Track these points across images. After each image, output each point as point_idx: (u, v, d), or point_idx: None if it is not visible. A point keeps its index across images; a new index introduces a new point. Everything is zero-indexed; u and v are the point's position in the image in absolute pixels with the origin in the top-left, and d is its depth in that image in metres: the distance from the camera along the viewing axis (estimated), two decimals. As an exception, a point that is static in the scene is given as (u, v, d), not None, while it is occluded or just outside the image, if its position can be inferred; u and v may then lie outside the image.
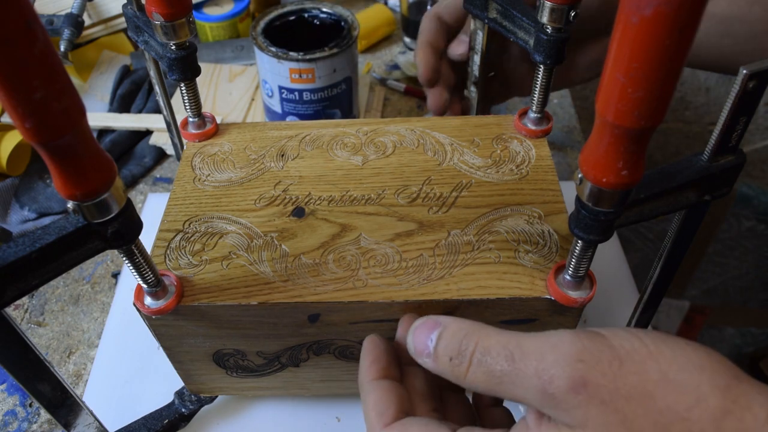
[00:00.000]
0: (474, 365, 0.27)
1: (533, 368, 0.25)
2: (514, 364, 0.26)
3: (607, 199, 0.26)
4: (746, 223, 1.26)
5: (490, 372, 0.27)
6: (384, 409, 0.30)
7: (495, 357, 0.27)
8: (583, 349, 0.25)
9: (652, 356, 0.25)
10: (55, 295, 0.57)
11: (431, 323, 0.30)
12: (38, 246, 0.27)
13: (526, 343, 0.26)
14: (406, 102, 0.76)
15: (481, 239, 0.37)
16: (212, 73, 0.76)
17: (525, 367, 0.26)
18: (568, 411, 0.25)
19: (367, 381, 0.32)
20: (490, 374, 0.27)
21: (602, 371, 0.24)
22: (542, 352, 0.26)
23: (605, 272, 0.55)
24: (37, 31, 0.19)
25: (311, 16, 0.65)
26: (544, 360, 0.25)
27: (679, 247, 0.37)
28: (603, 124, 0.23)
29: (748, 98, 0.28)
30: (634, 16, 0.19)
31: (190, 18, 0.39)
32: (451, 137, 0.44)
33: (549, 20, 0.38)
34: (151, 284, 0.33)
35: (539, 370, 0.25)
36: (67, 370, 0.52)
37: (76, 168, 0.24)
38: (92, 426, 0.38)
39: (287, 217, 0.39)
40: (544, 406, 0.26)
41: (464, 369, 0.28)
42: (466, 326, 0.29)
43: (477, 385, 0.28)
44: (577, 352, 0.25)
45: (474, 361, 0.27)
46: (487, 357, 0.27)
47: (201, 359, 0.40)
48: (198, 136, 0.45)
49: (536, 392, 0.25)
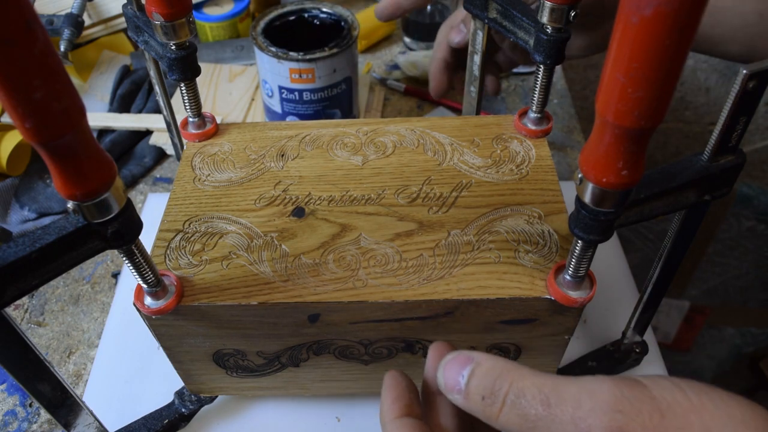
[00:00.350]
0: (507, 406, 0.27)
1: (569, 415, 0.25)
2: (550, 409, 0.25)
3: (607, 199, 0.26)
4: (746, 223, 1.26)
5: (524, 415, 0.26)
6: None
7: (530, 400, 0.26)
8: (622, 399, 0.24)
9: (694, 409, 0.24)
10: (55, 295, 0.57)
11: (463, 359, 0.29)
12: (38, 246, 0.27)
13: (562, 388, 0.26)
14: (406, 102, 0.76)
15: (481, 239, 0.37)
16: (212, 73, 0.76)
17: (561, 413, 0.25)
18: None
19: (390, 420, 0.31)
20: (523, 417, 0.26)
21: (642, 423, 0.24)
22: (579, 398, 0.25)
23: (605, 272, 0.55)
24: (37, 31, 0.19)
25: (311, 16, 0.65)
26: (581, 407, 0.25)
27: (679, 247, 0.37)
28: (603, 124, 0.23)
29: (748, 98, 0.28)
30: (634, 16, 0.19)
31: (190, 18, 0.39)
32: (451, 137, 0.44)
33: (549, 20, 0.38)
34: (151, 284, 0.33)
35: (576, 418, 0.25)
36: (67, 370, 0.52)
37: (76, 168, 0.24)
38: (92, 426, 0.38)
39: (287, 217, 0.39)
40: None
41: (497, 410, 0.27)
42: (501, 365, 0.28)
43: (509, 427, 0.27)
44: (616, 401, 0.24)
45: (507, 402, 0.27)
46: (522, 399, 0.26)
47: (201, 359, 0.40)
48: (198, 136, 0.45)
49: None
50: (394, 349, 0.39)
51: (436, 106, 0.75)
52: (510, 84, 0.79)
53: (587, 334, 0.51)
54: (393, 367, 0.41)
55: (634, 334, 0.46)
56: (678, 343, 1.28)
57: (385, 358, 0.40)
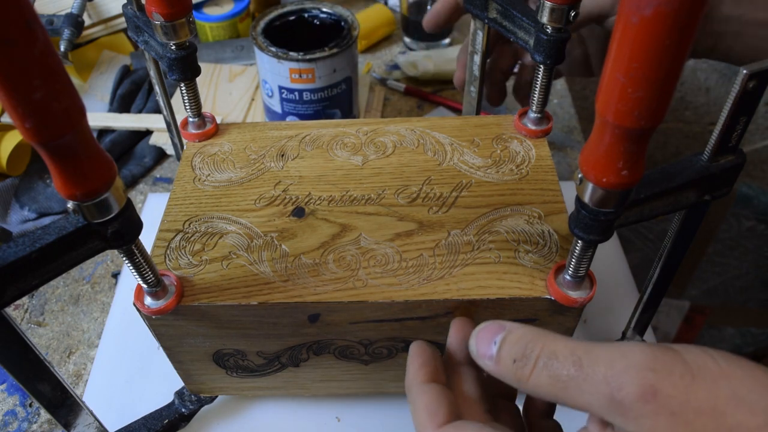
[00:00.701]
0: (539, 368, 0.27)
1: (602, 374, 0.25)
2: (582, 369, 0.26)
3: (607, 199, 0.26)
4: (746, 223, 1.26)
5: (556, 376, 0.26)
6: (436, 410, 0.30)
7: (562, 361, 0.26)
8: (654, 359, 0.25)
9: (723, 374, 0.24)
10: (55, 295, 0.57)
11: (496, 327, 0.30)
12: (38, 246, 0.27)
13: (595, 350, 0.26)
14: (406, 102, 0.76)
15: (481, 239, 0.37)
16: (212, 73, 0.77)
17: (593, 373, 0.25)
18: (636, 420, 0.24)
19: (417, 384, 0.31)
20: (555, 378, 0.26)
21: (673, 383, 0.24)
22: (612, 359, 0.25)
23: (605, 272, 0.55)
24: (37, 31, 0.19)
25: (311, 16, 0.65)
26: (614, 367, 0.25)
27: (679, 247, 0.37)
28: (603, 124, 0.23)
29: (748, 98, 0.28)
30: (634, 16, 0.19)
31: (190, 18, 0.39)
32: (451, 137, 0.44)
33: (549, 20, 0.38)
34: (151, 284, 0.33)
35: (608, 377, 0.25)
36: (67, 370, 0.52)
37: (76, 168, 0.24)
38: (92, 426, 0.38)
39: (287, 217, 0.39)
40: (611, 414, 0.25)
41: (528, 371, 0.27)
42: (533, 331, 0.28)
43: (540, 389, 0.27)
44: (649, 361, 0.25)
45: (539, 364, 0.27)
46: (554, 361, 0.27)
47: (201, 359, 0.40)
48: (198, 136, 0.45)
49: (603, 399, 0.25)
50: (394, 349, 0.39)
51: (436, 106, 0.75)
52: (510, 84, 0.79)
53: (587, 334, 0.51)
54: (393, 367, 0.41)
55: (634, 334, 0.46)
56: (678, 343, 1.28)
57: (385, 358, 0.40)
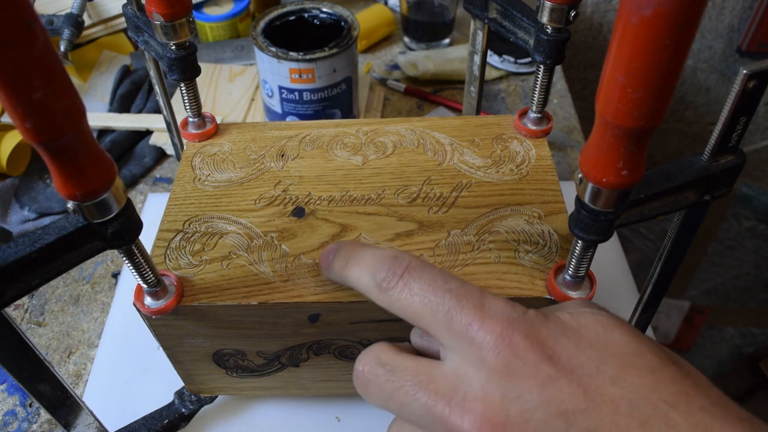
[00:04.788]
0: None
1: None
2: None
3: (607, 199, 0.26)
4: (746, 223, 1.26)
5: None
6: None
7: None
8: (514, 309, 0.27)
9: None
10: (55, 295, 0.57)
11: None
12: (38, 246, 0.27)
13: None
14: (406, 102, 0.76)
15: (481, 239, 0.37)
16: (212, 73, 0.77)
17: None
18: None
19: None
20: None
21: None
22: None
23: (605, 272, 0.55)
24: (37, 31, 0.19)
25: (311, 16, 0.65)
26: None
27: (679, 247, 0.37)
28: (603, 124, 0.23)
29: (748, 98, 0.28)
30: (634, 16, 0.19)
31: (190, 18, 0.39)
32: (451, 137, 0.44)
33: (549, 20, 0.38)
34: (151, 284, 0.33)
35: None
36: (67, 370, 0.52)
37: (76, 168, 0.24)
38: (92, 426, 0.38)
39: (287, 217, 0.39)
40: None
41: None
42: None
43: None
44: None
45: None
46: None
47: (201, 359, 0.40)
48: (198, 136, 0.45)
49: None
50: (394, 349, 0.39)
51: (436, 106, 0.76)
52: (510, 84, 0.79)
53: (587, 334, 0.51)
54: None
55: (634, 334, 0.46)
56: (678, 343, 1.28)
57: (385, 358, 0.40)
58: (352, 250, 0.31)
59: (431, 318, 0.26)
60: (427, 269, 0.28)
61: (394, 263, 0.28)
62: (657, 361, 0.24)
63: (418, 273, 0.27)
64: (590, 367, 0.24)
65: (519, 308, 0.27)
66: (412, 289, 0.27)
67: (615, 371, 0.24)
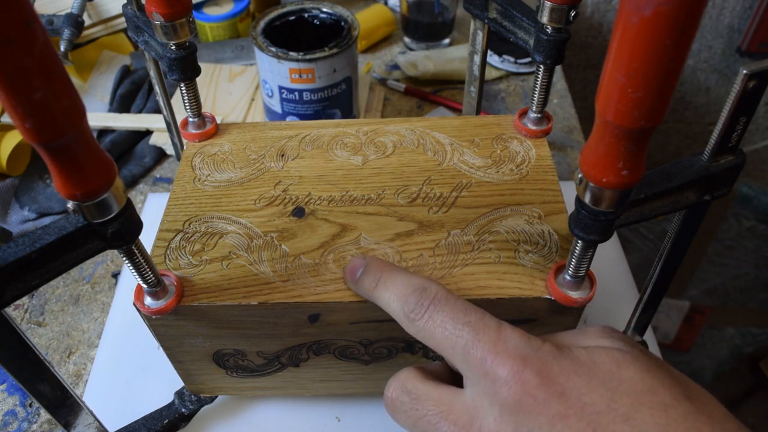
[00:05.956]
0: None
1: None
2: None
3: (607, 199, 0.26)
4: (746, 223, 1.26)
5: None
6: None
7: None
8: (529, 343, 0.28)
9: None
10: (55, 295, 0.57)
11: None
12: (38, 246, 0.27)
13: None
14: (406, 102, 0.76)
15: (481, 239, 0.37)
16: (212, 73, 0.77)
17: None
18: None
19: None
20: None
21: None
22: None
23: (605, 272, 0.55)
24: (37, 31, 0.19)
25: (311, 16, 0.65)
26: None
27: (679, 247, 0.37)
28: (603, 124, 0.23)
29: (748, 98, 0.28)
30: (634, 16, 0.19)
31: (190, 18, 0.39)
32: (451, 137, 0.44)
33: (549, 20, 0.38)
34: (151, 284, 0.33)
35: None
36: (67, 370, 0.52)
37: (76, 168, 0.24)
38: (92, 426, 0.38)
39: (287, 217, 0.39)
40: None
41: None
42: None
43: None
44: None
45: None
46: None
47: (201, 359, 0.40)
48: (198, 136, 0.45)
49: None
50: (394, 349, 0.39)
51: (436, 106, 0.76)
52: (510, 84, 0.79)
53: (587, 334, 0.51)
54: (393, 367, 0.41)
55: (634, 334, 0.46)
56: (678, 343, 1.28)
57: (385, 358, 0.40)
58: (381, 271, 0.32)
59: (450, 350, 0.28)
60: (451, 301, 0.29)
61: (422, 295, 0.30)
62: (670, 398, 0.25)
63: (442, 305, 0.29)
64: (601, 405, 0.25)
65: (535, 342, 0.27)
66: (435, 321, 0.29)
67: (627, 409, 0.24)
